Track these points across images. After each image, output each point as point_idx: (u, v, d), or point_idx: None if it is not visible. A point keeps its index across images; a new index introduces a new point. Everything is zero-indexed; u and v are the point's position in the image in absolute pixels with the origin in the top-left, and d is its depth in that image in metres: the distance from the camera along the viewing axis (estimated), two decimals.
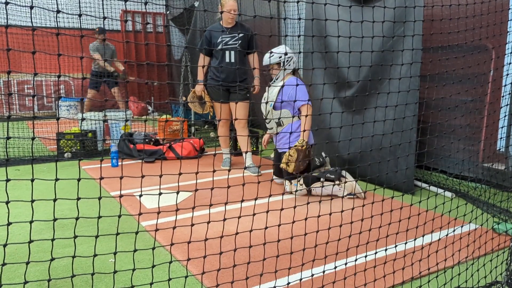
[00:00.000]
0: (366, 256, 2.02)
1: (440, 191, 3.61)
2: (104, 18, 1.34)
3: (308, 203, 1.88)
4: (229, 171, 1.98)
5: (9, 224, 1.33)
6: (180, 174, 1.51)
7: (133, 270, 1.58)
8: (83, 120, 1.56)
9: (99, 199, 1.46)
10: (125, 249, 2.54)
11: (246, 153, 4.50)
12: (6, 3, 1.21)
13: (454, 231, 2.49)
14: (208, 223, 1.60)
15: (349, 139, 2.05)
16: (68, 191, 3.68)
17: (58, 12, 1.27)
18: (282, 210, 1.81)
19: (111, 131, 5.95)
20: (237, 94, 4.37)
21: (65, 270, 2.31)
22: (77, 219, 1.47)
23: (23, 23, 8.42)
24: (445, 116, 3.96)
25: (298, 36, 2.23)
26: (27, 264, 1.40)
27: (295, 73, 3.89)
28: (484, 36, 3.30)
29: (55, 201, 1.38)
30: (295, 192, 2.90)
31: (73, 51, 9.35)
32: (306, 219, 1.84)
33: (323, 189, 3.54)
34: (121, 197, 2.69)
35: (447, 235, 2.48)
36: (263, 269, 2.09)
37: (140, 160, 5.09)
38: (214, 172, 1.65)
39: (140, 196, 1.36)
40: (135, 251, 1.60)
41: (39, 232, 2.86)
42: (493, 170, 3.56)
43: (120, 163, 4.78)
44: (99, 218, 1.47)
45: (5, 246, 1.36)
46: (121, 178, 1.42)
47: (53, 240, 1.42)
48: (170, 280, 1.67)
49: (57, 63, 8.34)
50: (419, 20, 3.32)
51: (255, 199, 1.61)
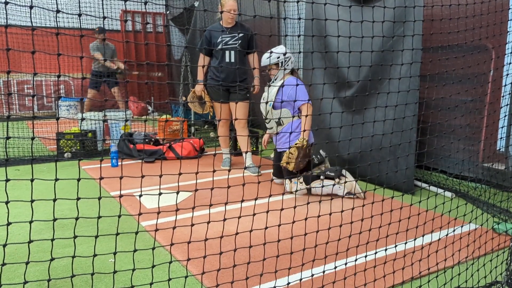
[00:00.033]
0: (366, 256, 2.02)
1: (440, 191, 3.61)
2: (104, 18, 1.34)
3: (308, 203, 1.88)
4: (229, 171, 1.97)
5: (9, 224, 1.33)
6: (180, 174, 1.51)
7: (133, 270, 1.58)
8: (83, 120, 1.56)
9: (99, 199, 1.46)
10: (125, 249, 2.54)
11: (246, 153, 4.50)
12: (6, 3, 1.20)
13: (454, 231, 2.49)
14: (208, 223, 1.60)
15: (349, 139, 2.05)
16: (68, 191, 3.68)
17: (58, 12, 1.27)
18: (282, 210, 1.81)
19: (111, 131, 5.95)
20: (237, 94, 4.37)
21: (65, 270, 2.31)
22: (77, 219, 1.47)
23: (23, 23, 8.41)
24: (445, 116, 3.96)
25: (298, 36, 2.23)
26: (27, 264, 1.40)
27: (294, 73, 3.89)
28: (484, 36, 3.30)
29: (55, 201, 1.38)
30: (295, 192, 2.91)
31: (73, 51, 9.34)
32: (306, 219, 1.84)
33: (323, 188, 3.54)
34: (121, 197, 2.69)
35: (447, 235, 2.48)
36: (263, 269, 2.09)
37: (140, 160, 5.09)
38: (214, 172, 1.65)
39: (140, 196, 1.36)
40: (135, 251, 1.60)
41: (39, 232, 2.86)
42: (493, 170, 3.56)
43: (120, 163, 4.78)
44: (99, 218, 1.47)
45: (5, 246, 1.36)
46: (121, 178, 1.42)
47: (53, 240, 1.42)
48: (170, 280, 1.67)
49: (57, 63, 8.28)
50: (419, 20, 3.32)
51: (255, 199, 1.61)
